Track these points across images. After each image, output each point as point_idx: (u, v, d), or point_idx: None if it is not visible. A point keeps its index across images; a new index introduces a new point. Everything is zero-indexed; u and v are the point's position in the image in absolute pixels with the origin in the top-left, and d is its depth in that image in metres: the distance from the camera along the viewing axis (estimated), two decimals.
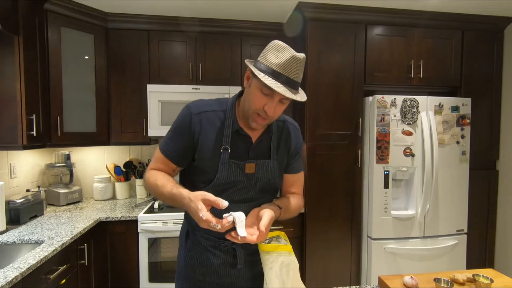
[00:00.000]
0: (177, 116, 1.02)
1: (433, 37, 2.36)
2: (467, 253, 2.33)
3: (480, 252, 2.54)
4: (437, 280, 1.04)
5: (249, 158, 1.00)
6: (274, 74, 0.87)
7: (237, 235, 0.83)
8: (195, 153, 0.99)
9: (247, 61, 0.95)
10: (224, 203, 0.81)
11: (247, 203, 1.01)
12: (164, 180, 0.96)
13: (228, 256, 1.03)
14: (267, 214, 0.91)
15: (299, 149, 1.12)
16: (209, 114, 0.99)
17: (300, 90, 0.94)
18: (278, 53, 0.87)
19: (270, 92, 0.88)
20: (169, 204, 1.04)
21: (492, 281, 1.04)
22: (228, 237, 0.86)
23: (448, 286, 1.01)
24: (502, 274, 1.15)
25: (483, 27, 2.43)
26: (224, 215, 0.84)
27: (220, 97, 1.07)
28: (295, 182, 1.14)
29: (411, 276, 1.06)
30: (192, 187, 1.00)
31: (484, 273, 1.08)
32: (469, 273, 1.10)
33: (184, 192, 0.88)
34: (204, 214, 0.81)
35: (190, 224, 1.08)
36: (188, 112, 0.99)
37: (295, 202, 1.11)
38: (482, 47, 2.45)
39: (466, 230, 2.33)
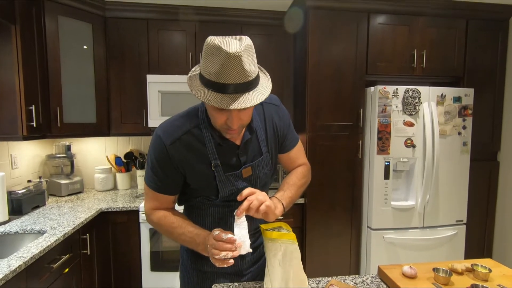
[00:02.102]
0: (150, 146, 0.93)
1: (437, 26, 2.32)
2: (466, 243, 2.35)
3: (479, 242, 2.57)
4: (436, 269, 1.05)
5: (242, 163, 0.96)
6: (216, 86, 0.74)
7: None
8: (187, 179, 0.95)
9: (188, 77, 0.85)
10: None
11: None
12: (180, 223, 0.96)
13: None
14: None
15: (288, 126, 1.05)
16: (184, 139, 0.90)
17: (263, 78, 0.84)
18: (212, 57, 0.73)
19: None
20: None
21: (490, 270, 1.05)
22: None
23: (447, 276, 1.02)
24: (501, 264, 1.15)
25: (487, 16, 2.38)
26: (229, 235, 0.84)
27: (189, 108, 0.97)
28: (297, 156, 1.10)
29: (410, 266, 1.06)
30: (200, 203, 1.01)
31: (482, 263, 1.09)
32: (468, 263, 1.11)
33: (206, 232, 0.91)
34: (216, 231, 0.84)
35: (189, 218, 1.07)
36: (161, 144, 0.90)
37: (297, 178, 1.06)
38: (486, 37, 2.41)
39: (465, 221, 2.34)
